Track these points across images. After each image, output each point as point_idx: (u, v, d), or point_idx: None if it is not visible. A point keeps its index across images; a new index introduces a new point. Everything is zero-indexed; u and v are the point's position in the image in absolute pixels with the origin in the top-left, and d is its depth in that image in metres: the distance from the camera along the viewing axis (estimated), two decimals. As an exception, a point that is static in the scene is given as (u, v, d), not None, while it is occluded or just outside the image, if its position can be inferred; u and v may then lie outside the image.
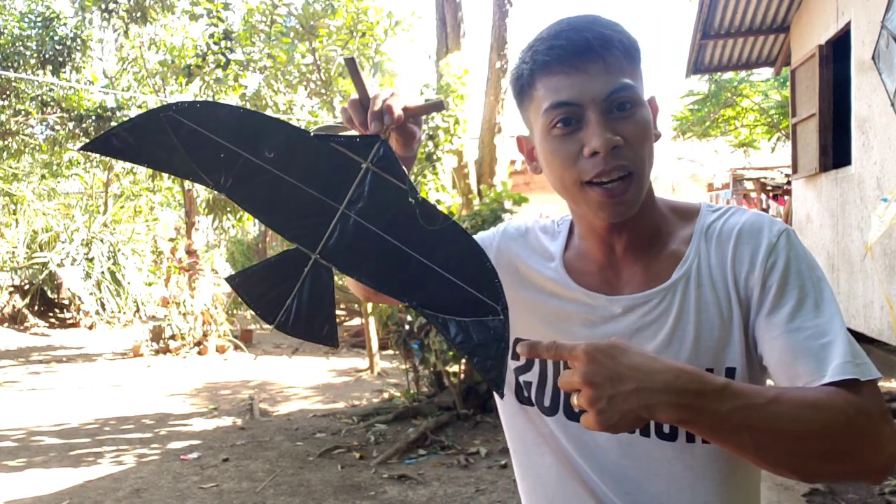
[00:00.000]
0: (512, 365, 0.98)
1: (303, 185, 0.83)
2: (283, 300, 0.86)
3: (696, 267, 0.89)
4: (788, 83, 7.34)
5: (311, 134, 0.83)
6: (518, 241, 1.04)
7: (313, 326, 0.87)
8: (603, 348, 0.70)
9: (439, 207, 0.84)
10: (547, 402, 0.96)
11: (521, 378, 0.99)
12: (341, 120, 0.93)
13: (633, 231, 0.92)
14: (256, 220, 16.77)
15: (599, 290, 0.94)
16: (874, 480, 0.74)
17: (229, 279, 0.89)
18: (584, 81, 0.83)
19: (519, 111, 0.94)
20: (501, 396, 0.80)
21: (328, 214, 0.83)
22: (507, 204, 5.49)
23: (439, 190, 5.87)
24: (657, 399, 0.67)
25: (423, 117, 0.97)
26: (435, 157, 5.72)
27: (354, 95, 0.90)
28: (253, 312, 0.89)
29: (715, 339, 0.86)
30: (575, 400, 0.71)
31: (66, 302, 11.65)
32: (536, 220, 1.06)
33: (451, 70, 5.93)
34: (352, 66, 0.89)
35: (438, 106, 0.93)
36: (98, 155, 0.92)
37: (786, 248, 0.85)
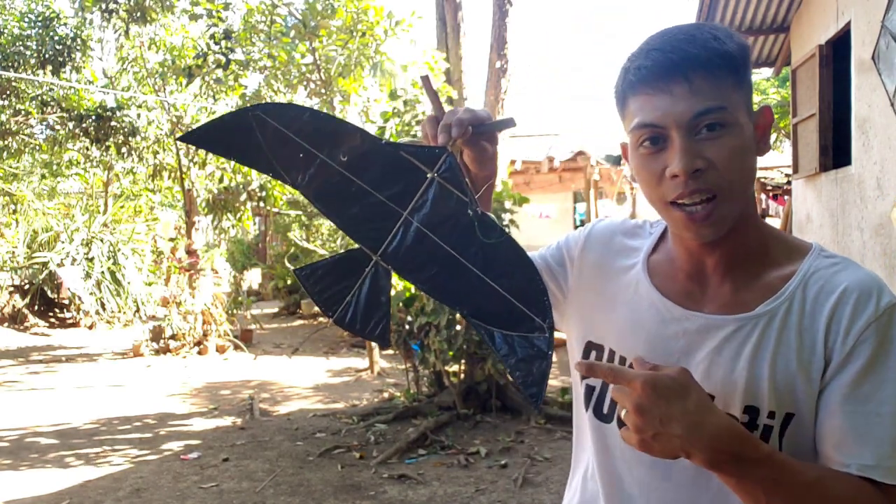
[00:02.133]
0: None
1: (371, 189, 0.88)
2: (343, 296, 0.91)
3: (787, 307, 0.85)
4: (788, 83, 7.34)
5: (383, 142, 0.87)
6: (602, 243, 1.04)
7: (368, 324, 0.91)
8: (661, 386, 0.72)
9: (497, 224, 0.86)
10: (605, 410, 0.97)
11: (586, 381, 0.99)
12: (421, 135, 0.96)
13: (724, 250, 0.89)
14: (256, 220, 16.76)
15: (679, 300, 0.92)
16: None
17: (297, 271, 0.93)
18: (668, 103, 0.82)
19: (621, 120, 0.94)
20: (539, 412, 0.83)
21: (392, 219, 0.87)
22: (508, 204, 5.49)
23: None
24: (697, 450, 0.71)
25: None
26: None
27: (430, 112, 0.94)
28: (317, 304, 0.93)
29: (786, 384, 0.83)
30: (622, 414, 0.75)
31: (66, 302, 11.65)
32: (625, 220, 1.06)
33: (421, 65, 5.92)
34: (427, 84, 0.94)
35: (509, 122, 0.94)
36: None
37: (887, 326, 0.80)
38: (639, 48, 0.87)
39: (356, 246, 0.90)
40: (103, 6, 9.58)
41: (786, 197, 11.77)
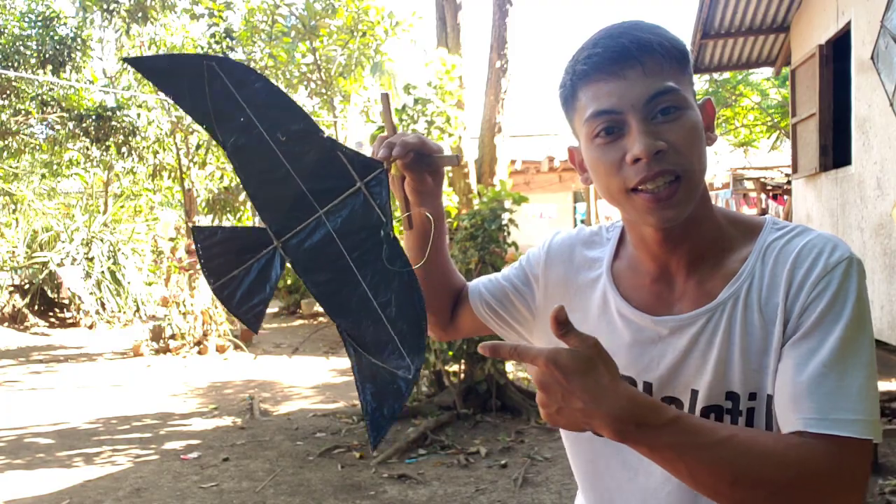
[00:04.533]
0: None
1: (297, 178, 0.86)
2: (232, 269, 0.89)
3: (746, 287, 0.85)
4: (788, 82, 7.34)
5: (325, 136, 0.86)
6: (563, 259, 1.03)
7: (244, 305, 0.89)
8: (562, 363, 0.71)
9: (405, 254, 0.85)
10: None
11: None
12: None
13: (686, 246, 0.89)
14: (256, 220, 16.80)
15: (648, 307, 0.91)
16: None
17: (197, 228, 0.91)
18: (622, 88, 0.81)
19: (566, 121, 0.93)
20: (373, 451, 0.81)
21: (307, 213, 0.86)
22: (507, 203, 5.49)
23: None
24: (598, 421, 0.71)
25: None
26: None
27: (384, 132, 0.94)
28: (201, 268, 0.91)
29: (757, 365, 0.83)
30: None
31: (66, 301, 11.64)
32: (581, 228, 1.05)
33: (437, 66, 5.91)
34: (385, 102, 0.93)
35: (453, 160, 0.94)
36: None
37: (840, 279, 0.79)
38: (584, 43, 0.87)
39: (262, 226, 0.88)
40: (104, 6, 9.59)
41: (786, 197, 11.77)
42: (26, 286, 11.90)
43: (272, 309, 13.78)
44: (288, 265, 0.88)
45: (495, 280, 1.10)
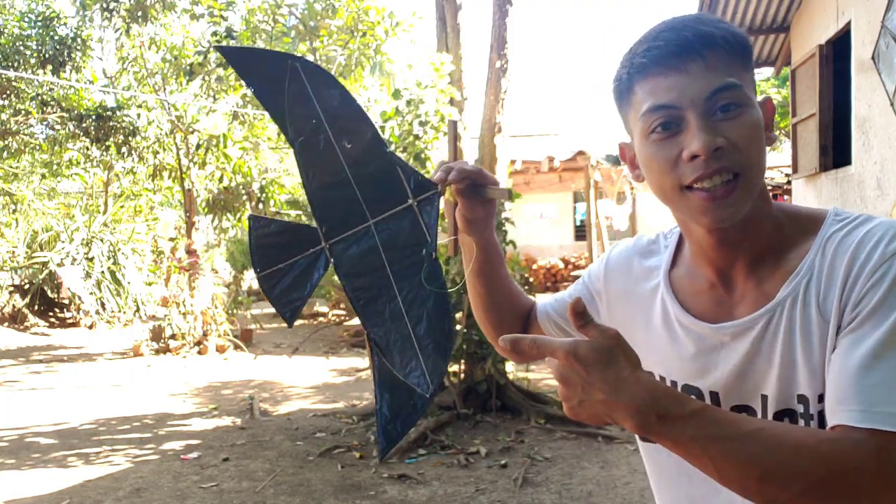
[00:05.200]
0: None
1: (355, 185, 0.89)
2: (279, 261, 0.92)
3: (805, 283, 0.80)
4: (788, 83, 7.34)
5: (388, 150, 0.89)
6: (622, 272, 1.02)
7: (284, 298, 0.93)
8: (581, 355, 0.70)
9: (446, 277, 0.87)
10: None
11: None
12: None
13: (744, 247, 0.85)
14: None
15: (708, 314, 0.89)
16: None
17: (252, 217, 0.96)
18: (683, 82, 0.79)
19: (620, 116, 0.91)
20: (381, 460, 0.81)
21: (357, 220, 0.89)
22: (507, 205, 5.49)
23: None
24: (620, 414, 0.70)
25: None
26: (424, 156, 5.69)
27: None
28: (251, 255, 0.95)
29: (817, 364, 0.79)
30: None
31: (66, 302, 11.65)
32: (639, 238, 1.03)
33: (426, 66, 5.92)
34: (452, 129, 1.00)
35: (504, 193, 0.96)
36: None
37: (893, 269, 0.74)
38: (643, 36, 0.84)
39: (313, 225, 0.92)
40: (104, 5, 9.58)
41: (786, 197, 11.77)
42: (26, 286, 11.90)
43: (272, 309, 13.75)
44: (331, 267, 0.92)
45: (560, 299, 1.11)
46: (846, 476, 0.68)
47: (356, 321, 10.33)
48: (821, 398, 0.79)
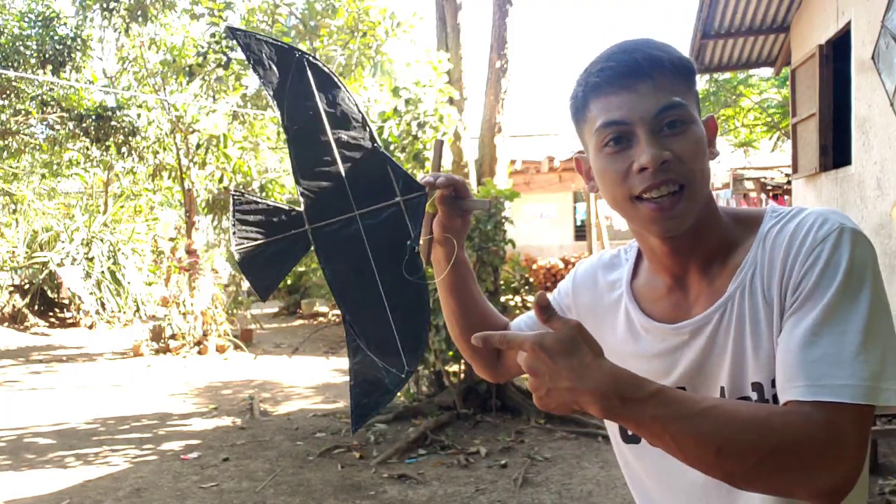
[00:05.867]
0: None
1: (344, 176, 0.95)
2: (258, 237, 0.97)
3: (750, 276, 0.87)
4: (788, 83, 7.34)
5: (381, 149, 0.95)
6: (588, 286, 1.08)
7: (260, 274, 0.98)
8: (547, 346, 0.75)
9: (423, 269, 0.94)
10: (630, 431, 0.99)
11: None
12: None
13: (695, 253, 0.92)
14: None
15: (668, 316, 0.95)
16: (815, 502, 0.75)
17: (237, 193, 0.99)
18: (633, 100, 0.85)
19: (576, 132, 0.97)
20: (352, 433, 0.85)
21: (344, 209, 0.94)
22: (507, 205, 5.50)
23: None
24: (584, 399, 0.74)
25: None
26: (422, 156, 5.70)
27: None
28: (230, 228, 0.99)
29: (766, 350, 0.85)
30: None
31: (66, 302, 11.65)
32: (602, 254, 1.10)
33: (423, 65, 5.92)
34: (438, 149, 1.04)
35: (485, 204, 1.02)
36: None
37: (830, 249, 0.80)
38: (598, 57, 0.91)
39: (299, 209, 0.96)
40: (103, 5, 9.58)
41: (786, 197, 11.77)
42: (26, 286, 11.90)
43: (272, 309, 13.78)
44: (313, 251, 0.97)
45: (533, 315, 1.14)
46: (797, 447, 0.72)
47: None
48: (774, 383, 0.83)
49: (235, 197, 0.98)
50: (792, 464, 0.72)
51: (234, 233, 0.97)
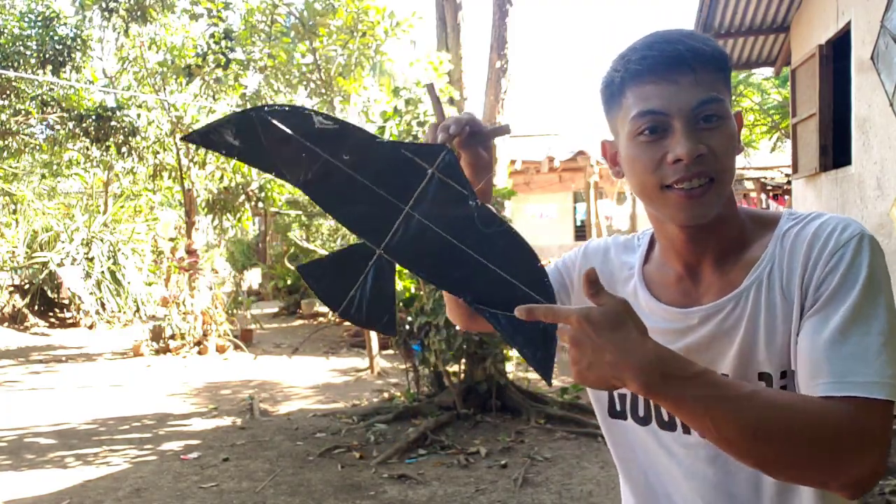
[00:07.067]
0: None
1: (373, 186, 0.91)
2: (347, 290, 0.93)
3: (768, 271, 0.89)
4: (788, 83, 7.34)
5: (384, 141, 0.91)
6: (598, 260, 1.08)
7: (373, 315, 0.93)
8: (593, 319, 0.75)
9: (497, 216, 0.91)
10: (641, 413, 1.00)
11: (617, 391, 1.02)
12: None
13: (711, 244, 0.94)
14: (256, 220, 16.71)
15: (677, 302, 0.96)
16: (846, 494, 0.77)
17: (301, 268, 0.96)
18: (673, 92, 0.86)
19: (606, 117, 0.97)
20: (550, 385, 0.87)
21: (394, 214, 0.91)
22: (507, 205, 5.50)
23: None
24: (627, 374, 0.75)
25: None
26: None
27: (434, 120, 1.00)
28: (319, 299, 0.96)
29: (783, 343, 0.87)
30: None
31: (66, 302, 11.65)
32: (616, 236, 1.11)
33: (425, 65, 5.91)
34: (431, 91, 0.99)
35: (505, 129, 1.00)
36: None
37: (852, 253, 0.83)
38: (637, 43, 0.91)
39: (358, 241, 0.93)
40: (103, 5, 9.59)
41: (786, 197, 11.77)
42: (26, 286, 11.90)
43: (272, 309, 13.78)
44: (398, 265, 0.93)
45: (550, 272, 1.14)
46: (828, 437, 0.75)
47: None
48: (783, 374, 0.87)
49: (303, 270, 0.95)
50: (824, 454, 0.74)
51: (324, 301, 0.94)
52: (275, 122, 0.89)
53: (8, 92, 10.55)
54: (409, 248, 0.91)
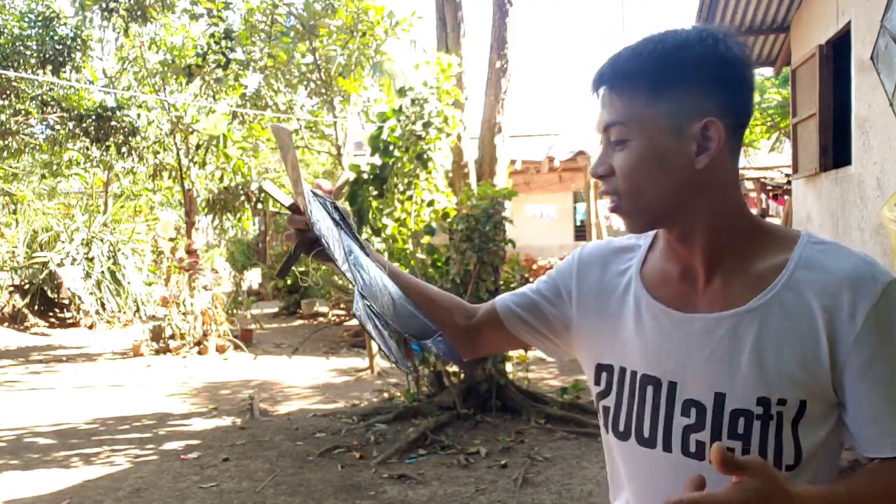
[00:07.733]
0: (595, 390, 1.04)
1: (335, 244, 0.99)
2: (382, 333, 0.97)
3: (787, 297, 0.87)
4: (788, 83, 7.34)
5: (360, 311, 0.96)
6: (596, 265, 1.07)
7: (418, 330, 1.03)
8: (765, 493, 0.73)
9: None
10: (621, 428, 0.98)
11: (602, 403, 1.02)
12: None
13: (699, 246, 0.92)
14: (256, 220, 16.70)
15: (676, 303, 0.95)
16: None
17: (358, 316, 0.99)
18: (601, 111, 0.92)
19: None
20: (462, 366, 0.92)
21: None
22: (507, 205, 5.49)
23: (432, 191, 5.84)
24: None
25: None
26: (426, 156, 5.68)
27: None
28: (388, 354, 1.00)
29: (794, 371, 0.85)
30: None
31: (66, 302, 11.64)
32: (611, 239, 1.10)
33: (433, 66, 5.90)
34: (285, 138, 0.99)
35: (284, 131, 1.04)
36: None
37: (887, 306, 0.83)
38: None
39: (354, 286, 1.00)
40: (103, 5, 9.59)
41: (786, 197, 11.77)
42: (26, 286, 11.89)
43: (272, 309, 13.77)
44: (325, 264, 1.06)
45: (523, 293, 1.13)
46: None
47: (356, 321, 10.29)
48: (781, 401, 0.85)
49: (357, 315, 0.96)
50: None
51: (383, 349, 0.97)
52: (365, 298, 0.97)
53: (8, 92, 10.55)
54: (369, 289, 0.98)
